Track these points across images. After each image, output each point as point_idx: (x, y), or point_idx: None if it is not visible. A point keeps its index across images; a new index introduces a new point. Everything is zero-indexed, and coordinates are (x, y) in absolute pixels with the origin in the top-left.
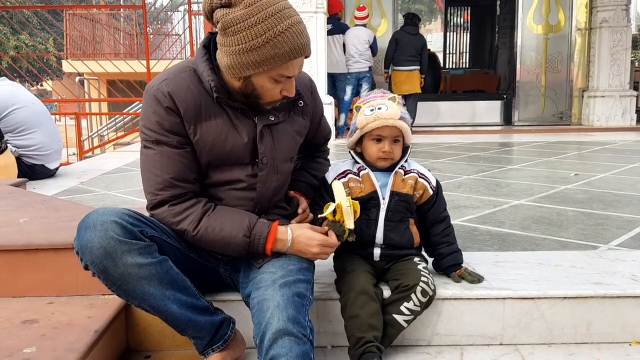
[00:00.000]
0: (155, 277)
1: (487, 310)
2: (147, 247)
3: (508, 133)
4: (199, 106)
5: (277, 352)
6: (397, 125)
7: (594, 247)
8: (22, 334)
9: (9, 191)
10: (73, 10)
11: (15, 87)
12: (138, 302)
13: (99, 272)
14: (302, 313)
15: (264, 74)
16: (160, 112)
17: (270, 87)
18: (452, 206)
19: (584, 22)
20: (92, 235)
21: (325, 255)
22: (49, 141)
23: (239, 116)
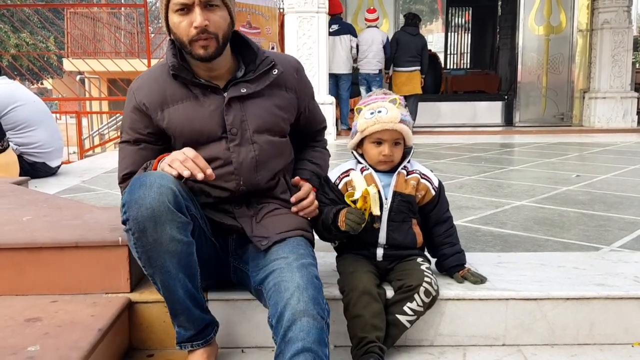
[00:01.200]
0: (177, 256)
1: (490, 311)
2: (186, 224)
3: (509, 134)
4: (164, 94)
5: (295, 335)
6: (397, 129)
7: (596, 249)
8: (25, 332)
9: (11, 189)
10: (74, 8)
11: (15, 86)
12: (152, 272)
13: (136, 230)
14: (321, 294)
15: (170, 12)
16: (128, 112)
17: (178, 22)
18: (454, 207)
19: (585, 23)
20: (145, 193)
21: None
22: (50, 139)
23: (207, 94)
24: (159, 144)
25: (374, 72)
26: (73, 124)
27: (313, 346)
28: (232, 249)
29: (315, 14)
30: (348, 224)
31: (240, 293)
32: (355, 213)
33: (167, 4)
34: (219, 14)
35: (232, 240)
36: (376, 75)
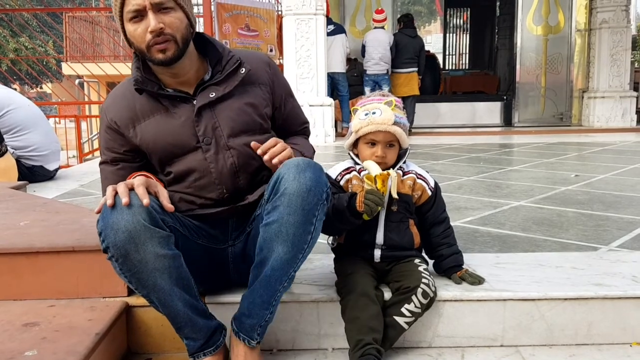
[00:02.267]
0: (167, 271)
1: (488, 312)
2: (167, 237)
3: (508, 134)
4: (134, 109)
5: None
6: (391, 131)
7: (595, 249)
8: (23, 337)
9: (10, 194)
10: (73, 12)
11: (8, 90)
12: (147, 292)
13: (119, 256)
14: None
15: (124, 21)
16: (103, 132)
17: (133, 30)
18: (453, 207)
19: (583, 23)
20: (118, 217)
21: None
22: (45, 142)
23: (177, 104)
24: (137, 161)
25: (382, 73)
26: (72, 127)
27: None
28: (231, 232)
29: (313, 16)
30: (367, 203)
31: (238, 295)
32: (375, 193)
33: (121, 15)
34: (173, 15)
35: (232, 222)
36: (385, 74)
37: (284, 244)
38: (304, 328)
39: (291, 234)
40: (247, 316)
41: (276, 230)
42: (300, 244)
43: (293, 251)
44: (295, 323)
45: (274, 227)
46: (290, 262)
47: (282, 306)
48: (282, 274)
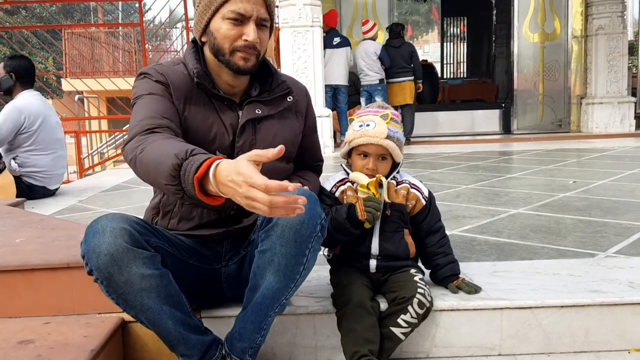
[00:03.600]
0: (154, 290)
1: (485, 321)
2: (152, 257)
3: (507, 142)
4: (190, 91)
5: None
6: (383, 144)
7: (592, 255)
8: (18, 355)
9: (7, 211)
10: (72, 29)
11: (46, 106)
12: (135, 313)
13: (103, 278)
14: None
15: (218, 16)
16: (152, 83)
17: (226, 29)
18: (450, 216)
19: (579, 29)
20: (100, 241)
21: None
22: (55, 166)
23: (224, 109)
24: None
25: (374, 83)
26: (72, 143)
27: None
28: (225, 254)
29: (310, 28)
30: (369, 211)
31: (234, 309)
32: (372, 199)
33: (218, 9)
34: (265, 33)
35: (226, 244)
36: (377, 85)
37: (276, 274)
38: (300, 341)
39: (283, 265)
40: (238, 340)
41: (269, 259)
42: (292, 274)
43: (285, 281)
44: (291, 336)
45: (266, 255)
46: (281, 291)
47: (279, 319)
48: (273, 302)
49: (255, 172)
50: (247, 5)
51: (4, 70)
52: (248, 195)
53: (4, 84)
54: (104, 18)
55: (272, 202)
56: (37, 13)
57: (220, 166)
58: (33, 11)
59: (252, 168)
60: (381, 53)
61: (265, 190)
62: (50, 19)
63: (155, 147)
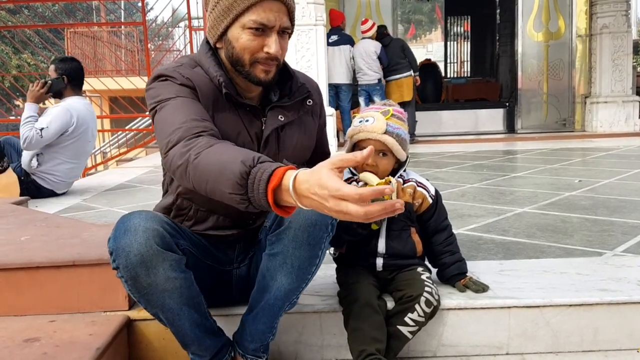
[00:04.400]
0: (177, 291)
1: (493, 320)
2: (179, 260)
3: (511, 141)
4: (216, 98)
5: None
6: (381, 140)
7: (599, 254)
8: (23, 353)
9: (11, 209)
10: (74, 28)
11: (93, 117)
12: (154, 311)
13: (129, 278)
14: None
15: (237, 24)
16: (176, 87)
17: (246, 39)
18: (456, 215)
19: (584, 28)
20: (131, 240)
21: (342, 213)
22: (69, 175)
23: (248, 117)
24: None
25: (372, 83)
26: None
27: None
28: (236, 257)
29: (313, 27)
30: None
31: (240, 307)
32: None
33: (237, 17)
34: (286, 41)
35: (238, 247)
36: (376, 84)
37: (288, 276)
38: (306, 339)
39: (296, 267)
40: (250, 341)
41: (280, 261)
42: (304, 275)
43: (297, 282)
44: (297, 334)
45: (278, 258)
46: (293, 291)
47: (285, 317)
48: (285, 301)
49: (341, 182)
50: (270, 15)
51: (56, 72)
52: (339, 210)
53: (56, 86)
54: (107, 17)
55: (368, 214)
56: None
57: (299, 177)
58: (35, 10)
59: (336, 179)
60: (381, 52)
61: (360, 200)
62: (52, 18)
63: (214, 152)
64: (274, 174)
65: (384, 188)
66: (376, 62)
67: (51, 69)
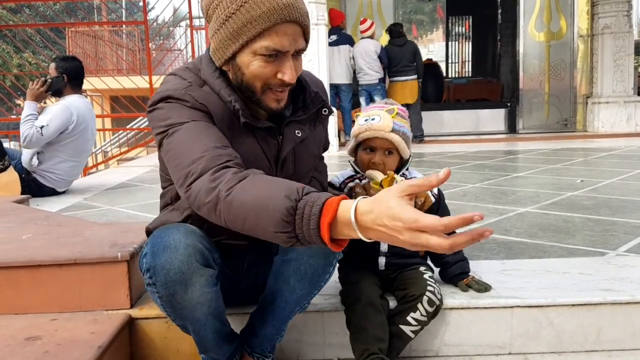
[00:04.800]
0: (207, 304)
1: (495, 320)
2: (214, 274)
3: (512, 141)
4: (232, 124)
5: None
6: (388, 138)
7: (602, 254)
8: (25, 351)
9: (12, 208)
10: (75, 27)
11: (92, 116)
12: (180, 322)
13: (165, 294)
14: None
15: (247, 49)
16: (186, 109)
17: (258, 67)
18: (458, 215)
19: (585, 28)
20: (172, 257)
21: (421, 246)
22: (69, 173)
23: (264, 136)
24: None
25: (373, 82)
26: None
27: None
28: (245, 269)
29: (315, 26)
30: None
31: (246, 307)
32: None
33: (247, 43)
34: (301, 61)
35: (248, 258)
36: (377, 84)
37: (301, 282)
38: (308, 338)
39: (310, 274)
40: (259, 342)
41: (294, 267)
42: (317, 282)
43: (309, 288)
44: (299, 333)
45: (292, 264)
46: (305, 297)
47: None
48: (296, 306)
49: (417, 212)
50: (284, 40)
51: (56, 71)
52: (416, 242)
53: (56, 85)
54: (108, 16)
55: (454, 246)
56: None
57: (360, 208)
58: (37, 9)
59: (409, 209)
60: (381, 52)
61: (445, 230)
62: (54, 17)
63: (249, 187)
64: (326, 206)
65: (472, 216)
66: (377, 62)
67: (51, 68)
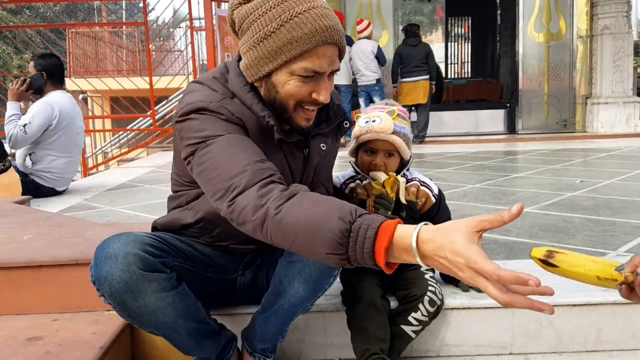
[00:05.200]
0: (170, 307)
1: (496, 320)
2: (167, 278)
3: (512, 141)
4: (264, 138)
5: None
6: (389, 140)
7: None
8: (26, 352)
9: (13, 209)
10: (76, 28)
11: (77, 110)
12: (150, 329)
13: (117, 305)
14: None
15: (284, 69)
16: (221, 121)
17: (295, 86)
18: (458, 215)
19: (585, 29)
20: (112, 267)
21: (477, 284)
22: (66, 170)
23: (290, 149)
24: None
25: (371, 83)
26: None
27: None
28: (243, 265)
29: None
30: (377, 207)
31: (245, 307)
32: (384, 197)
33: (286, 63)
34: (333, 80)
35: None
36: (375, 85)
37: (306, 284)
38: (310, 338)
39: (314, 276)
40: (259, 341)
41: (299, 269)
42: (322, 285)
43: (313, 290)
44: (301, 334)
45: (297, 265)
46: (309, 299)
47: None
48: (299, 308)
49: (480, 253)
50: (323, 62)
51: (35, 69)
52: (476, 284)
53: (35, 83)
54: (108, 17)
55: (510, 305)
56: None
57: (422, 236)
58: (37, 10)
59: (474, 248)
60: (378, 52)
61: (498, 282)
62: (54, 18)
63: (299, 206)
64: (381, 230)
65: (527, 279)
66: (374, 62)
67: (30, 66)
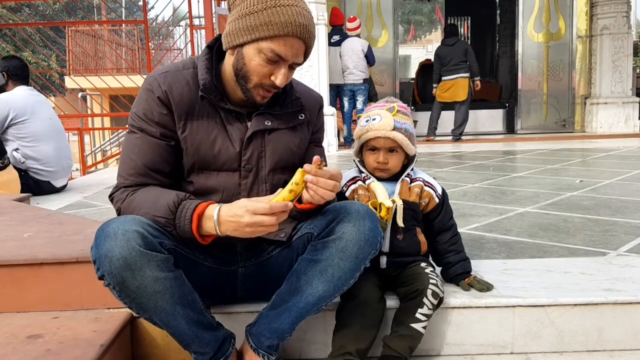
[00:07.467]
0: (168, 292)
1: (497, 319)
2: (165, 260)
3: (511, 141)
4: (194, 104)
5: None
6: (390, 136)
7: (603, 254)
8: (27, 350)
9: (13, 206)
10: (75, 26)
11: (38, 100)
12: (148, 315)
13: (116, 284)
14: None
15: (254, 44)
16: (151, 102)
17: (259, 64)
18: (458, 214)
19: (584, 29)
20: (112, 245)
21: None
22: (57, 157)
23: (231, 120)
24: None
25: (358, 82)
26: (75, 140)
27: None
28: (239, 255)
29: (315, 26)
30: None
31: (243, 305)
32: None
33: (257, 40)
34: (293, 72)
35: (240, 246)
36: (361, 84)
37: (326, 284)
38: (311, 337)
39: (337, 277)
40: (268, 337)
41: (322, 268)
42: (342, 286)
43: (332, 290)
44: (302, 332)
45: (320, 265)
46: (326, 299)
47: None
48: (314, 307)
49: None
50: (289, 51)
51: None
52: (253, 222)
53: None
54: (108, 15)
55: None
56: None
57: (222, 208)
58: (36, 8)
59: (252, 201)
60: (368, 51)
61: (270, 212)
62: (53, 16)
63: (151, 190)
64: (200, 205)
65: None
66: (363, 61)
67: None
